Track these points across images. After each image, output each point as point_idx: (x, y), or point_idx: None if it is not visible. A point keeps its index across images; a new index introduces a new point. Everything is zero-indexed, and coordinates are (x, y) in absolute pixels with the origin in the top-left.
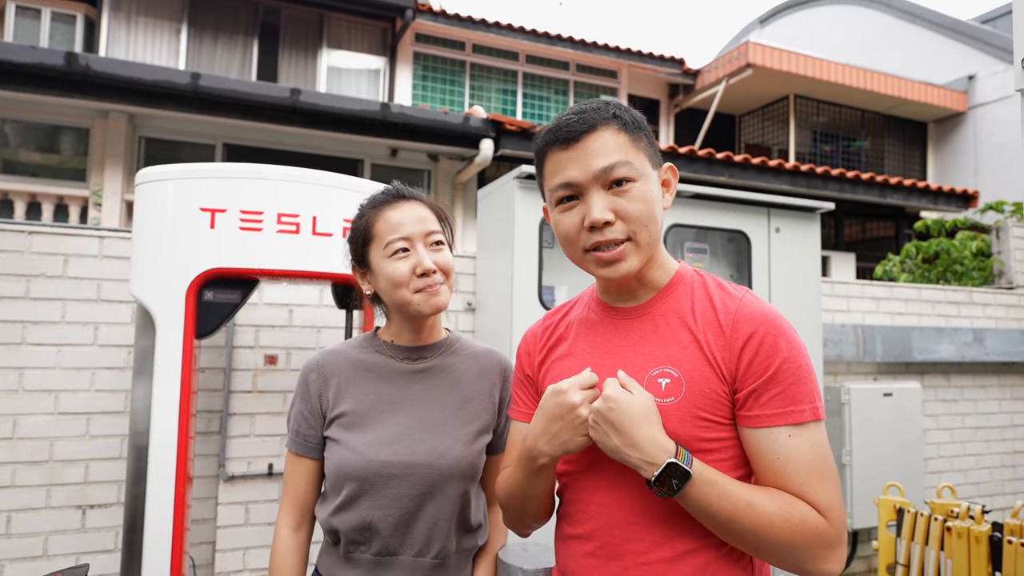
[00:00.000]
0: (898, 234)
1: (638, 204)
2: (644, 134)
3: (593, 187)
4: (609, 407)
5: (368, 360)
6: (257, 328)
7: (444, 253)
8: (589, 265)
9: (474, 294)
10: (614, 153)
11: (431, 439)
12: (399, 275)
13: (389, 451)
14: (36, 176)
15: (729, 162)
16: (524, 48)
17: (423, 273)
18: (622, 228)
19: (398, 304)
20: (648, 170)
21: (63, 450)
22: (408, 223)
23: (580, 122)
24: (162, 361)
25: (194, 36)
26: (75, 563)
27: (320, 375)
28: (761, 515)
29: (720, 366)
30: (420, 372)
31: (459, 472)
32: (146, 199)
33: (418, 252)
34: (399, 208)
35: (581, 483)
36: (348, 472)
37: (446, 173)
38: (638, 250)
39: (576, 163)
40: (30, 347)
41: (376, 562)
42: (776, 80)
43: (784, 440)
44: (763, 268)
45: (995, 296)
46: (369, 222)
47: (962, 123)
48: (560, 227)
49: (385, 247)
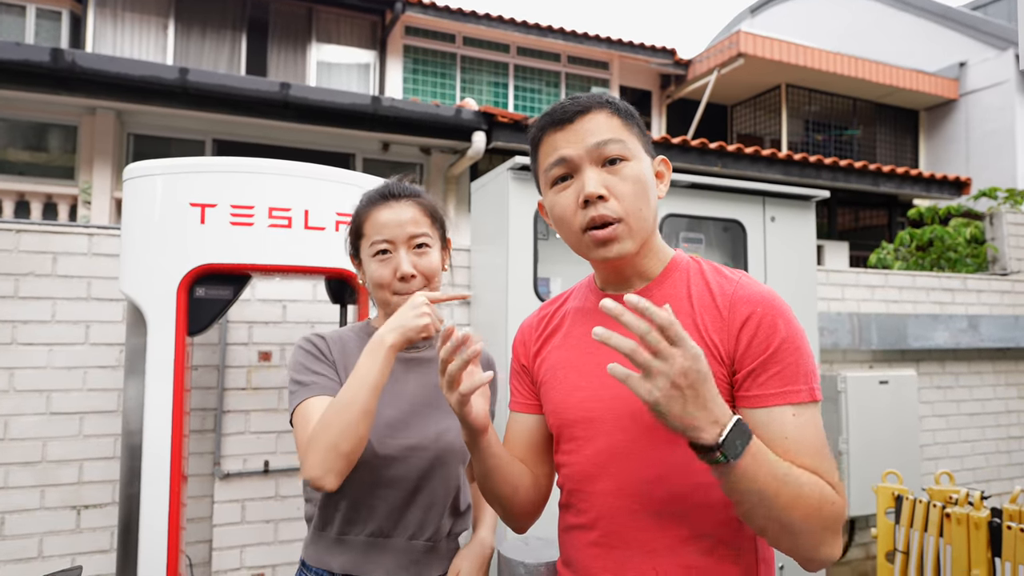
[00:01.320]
0: (891, 222)
1: (632, 183)
2: (636, 123)
3: (587, 163)
4: (695, 367)
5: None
6: (250, 324)
7: (427, 257)
8: (585, 249)
9: (469, 287)
10: (607, 132)
11: (428, 423)
12: (379, 277)
13: (389, 434)
14: (24, 175)
15: (722, 152)
16: (515, 40)
17: (401, 277)
18: (616, 206)
19: (381, 301)
20: (641, 154)
21: (56, 450)
22: (392, 226)
23: (574, 104)
24: (154, 359)
25: (181, 31)
26: (71, 563)
27: (327, 345)
28: (801, 489)
29: (718, 348)
30: (413, 361)
31: (454, 454)
32: (135, 195)
33: (399, 255)
34: (387, 208)
35: (581, 472)
36: None
37: (438, 166)
38: (631, 233)
39: (570, 141)
40: (20, 347)
41: (369, 544)
42: (768, 69)
43: (789, 419)
44: (759, 257)
45: (989, 282)
46: (360, 219)
47: (953, 110)
48: (556, 209)
49: (371, 246)
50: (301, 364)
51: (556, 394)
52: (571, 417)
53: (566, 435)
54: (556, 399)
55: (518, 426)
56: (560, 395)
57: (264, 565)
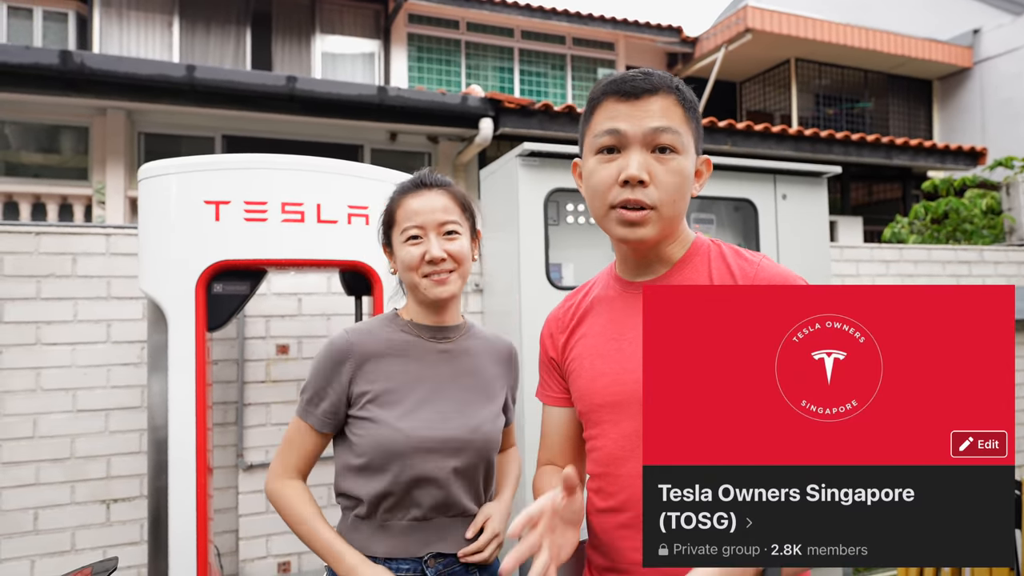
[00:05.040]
0: (905, 196)
1: (674, 176)
2: (696, 117)
3: (638, 143)
4: None
5: (396, 339)
6: (267, 318)
7: (458, 242)
8: (610, 223)
9: (481, 275)
10: (668, 119)
11: (465, 416)
12: (410, 259)
13: (427, 427)
14: (39, 177)
15: (731, 130)
16: (519, 24)
17: (431, 260)
18: (653, 194)
19: (409, 286)
20: (691, 149)
21: (84, 447)
22: (424, 212)
23: (645, 81)
24: (176, 355)
25: (186, 28)
26: (103, 556)
27: (352, 359)
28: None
29: None
30: (446, 352)
31: (489, 446)
32: (150, 194)
33: (429, 240)
34: (419, 197)
35: (609, 456)
36: (390, 449)
37: (446, 155)
38: (660, 221)
39: (631, 117)
40: (45, 347)
41: (412, 527)
42: (776, 44)
43: None
44: (771, 236)
45: (1007, 253)
46: (393, 207)
47: (968, 79)
48: (593, 177)
49: (402, 232)
50: (317, 373)
51: (582, 381)
52: (597, 402)
53: (593, 420)
54: (582, 386)
55: (553, 420)
56: (585, 382)
57: (290, 553)
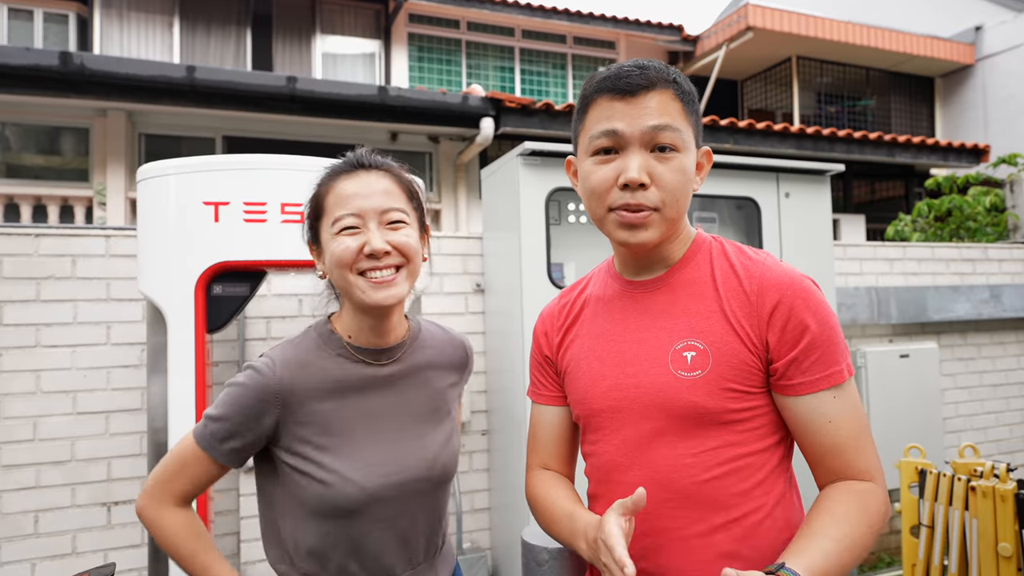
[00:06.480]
0: (908, 193)
1: (676, 175)
2: (695, 109)
3: (636, 144)
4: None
5: (332, 371)
6: (268, 320)
7: (403, 232)
8: (609, 226)
9: (482, 275)
10: (666, 116)
11: (418, 451)
12: (343, 253)
13: (381, 472)
14: (39, 179)
15: (733, 128)
16: (520, 23)
17: (371, 254)
18: (655, 195)
19: (343, 290)
20: (692, 144)
21: (84, 449)
22: (361, 196)
23: (641, 76)
24: (175, 357)
25: (187, 29)
26: (104, 559)
27: (280, 401)
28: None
29: (748, 334)
30: (391, 377)
31: (446, 477)
32: (149, 195)
33: (369, 230)
34: (355, 179)
35: (610, 462)
36: (339, 504)
37: (447, 155)
38: (662, 222)
39: (627, 116)
40: (45, 349)
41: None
42: (777, 42)
43: (830, 402)
44: (774, 234)
45: (1011, 251)
46: (322, 192)
47: (970, 76)
48: (590, 180)
49: (333, 223)
50: (234, 407)
51: (580, 384)
52: (596, 407)
53: (592, 425)
54: (581, 389)
55: (544, 419)
56: (584, 385)
57: None
